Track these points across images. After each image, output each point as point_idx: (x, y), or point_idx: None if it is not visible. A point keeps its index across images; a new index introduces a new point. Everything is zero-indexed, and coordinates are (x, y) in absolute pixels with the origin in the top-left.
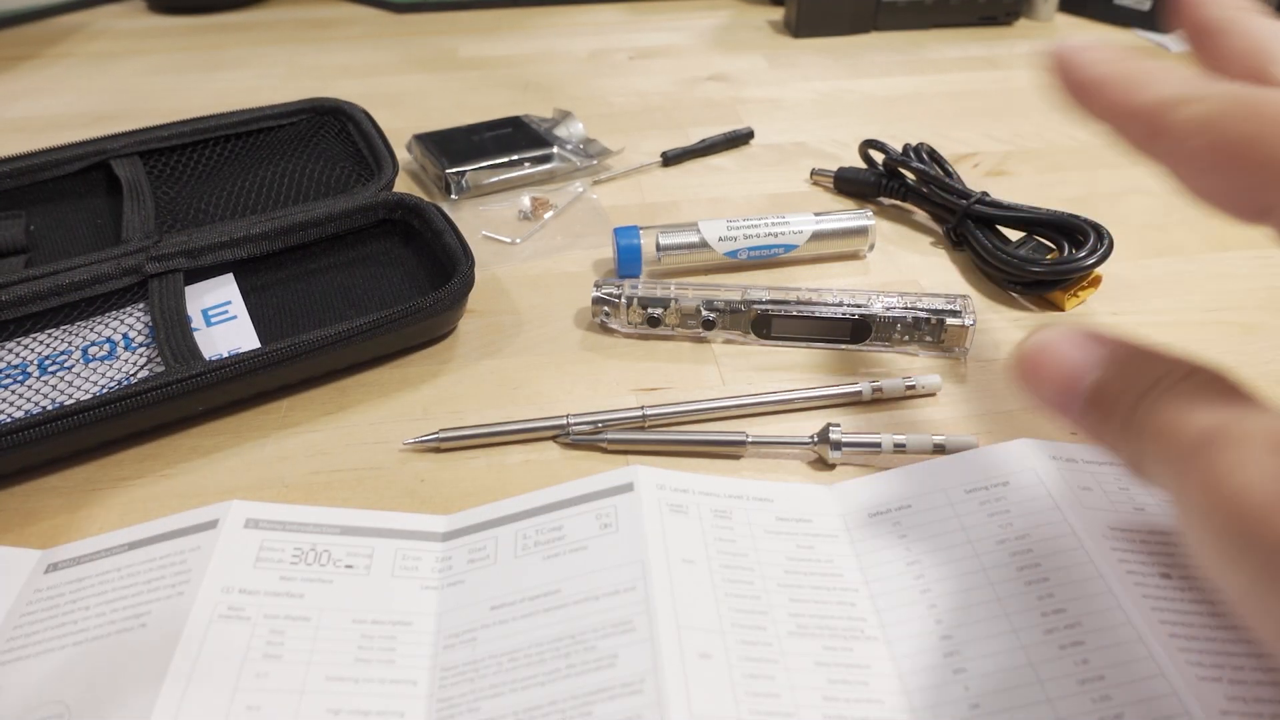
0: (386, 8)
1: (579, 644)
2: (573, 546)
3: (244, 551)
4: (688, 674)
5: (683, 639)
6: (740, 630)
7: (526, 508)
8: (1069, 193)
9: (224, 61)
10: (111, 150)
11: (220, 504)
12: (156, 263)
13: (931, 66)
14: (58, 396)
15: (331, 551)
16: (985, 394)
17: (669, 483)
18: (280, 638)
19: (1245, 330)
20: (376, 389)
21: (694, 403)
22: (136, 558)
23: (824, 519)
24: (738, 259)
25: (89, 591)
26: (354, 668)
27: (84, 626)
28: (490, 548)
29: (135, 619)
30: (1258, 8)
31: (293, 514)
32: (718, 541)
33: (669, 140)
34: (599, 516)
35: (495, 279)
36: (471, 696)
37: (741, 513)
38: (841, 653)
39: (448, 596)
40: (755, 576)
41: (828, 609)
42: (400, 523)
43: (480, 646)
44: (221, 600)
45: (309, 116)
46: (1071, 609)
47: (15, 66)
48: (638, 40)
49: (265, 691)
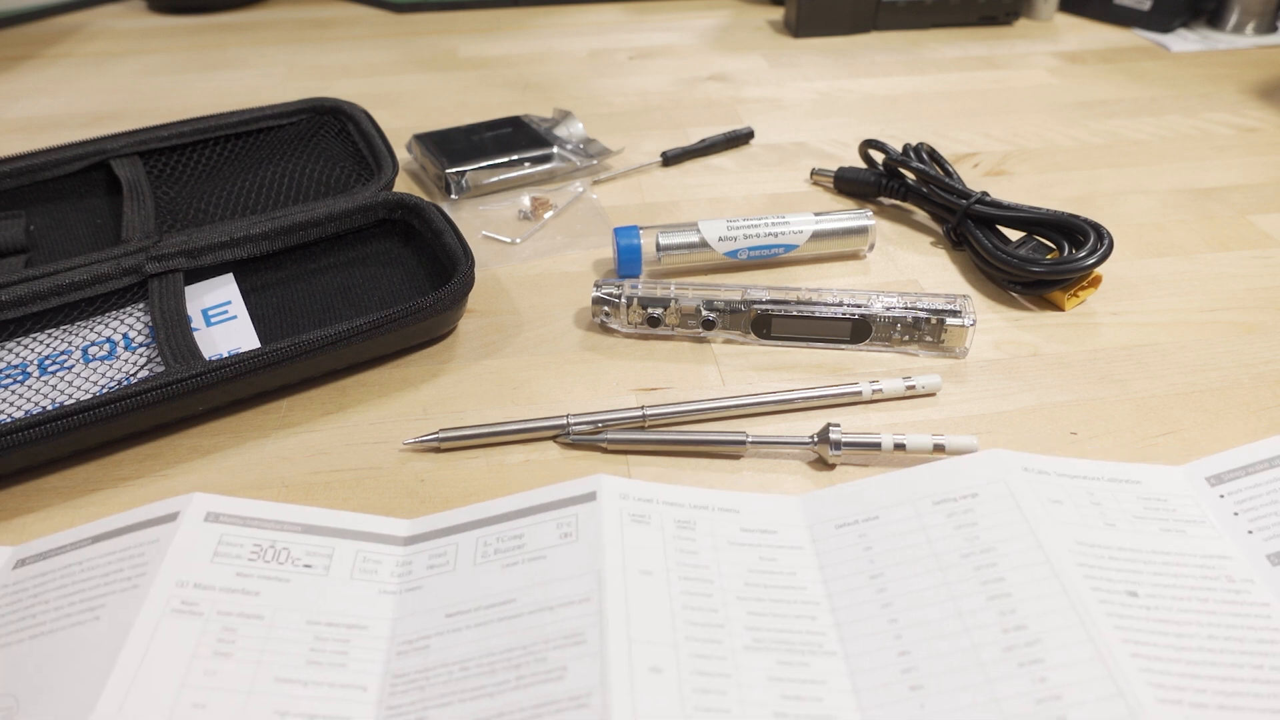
0: (386, 8)
1: (530, 654)
2: (531, 555)
3: (202, 545)
4: (635, 688)
5: (633, 652)
6: (694, 644)
7: (491, 514)
8: (1069, 193)
9: (224, 61)
10: (111, 150)
11: (182, 496)
12: (156, 263)
13: (931, 66)
14: (58, 396)
15: (291, 550)
16: (985, 394)
17: (633, 492)
18: (232, 635)
19: (1245, 330)
20: (376, 389)
21: (694, 403)
22: (98, 551)
23: (790, 530)
24: (738, 259)
25: (50, 586)
26: (304, 670)
27: (41, 620)
28: (451, 554)
29: (89, 611)
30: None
31: (254, 509)
32: (678, 553)
33: (669, 140)
34: (560, 525)
35: (495, 279)
36: (420, 705)
37: (705, 523)
38: (797, 668)
39: (405, 602)
40: (715, 589)
41: (786, 623)
42: (363, 524)
43: (433, 654)
44: (175, 594)
45: (309, 116)
46: (1033, 625)
47: (15, 66)
48: (638, 40)
49: (212, 690)
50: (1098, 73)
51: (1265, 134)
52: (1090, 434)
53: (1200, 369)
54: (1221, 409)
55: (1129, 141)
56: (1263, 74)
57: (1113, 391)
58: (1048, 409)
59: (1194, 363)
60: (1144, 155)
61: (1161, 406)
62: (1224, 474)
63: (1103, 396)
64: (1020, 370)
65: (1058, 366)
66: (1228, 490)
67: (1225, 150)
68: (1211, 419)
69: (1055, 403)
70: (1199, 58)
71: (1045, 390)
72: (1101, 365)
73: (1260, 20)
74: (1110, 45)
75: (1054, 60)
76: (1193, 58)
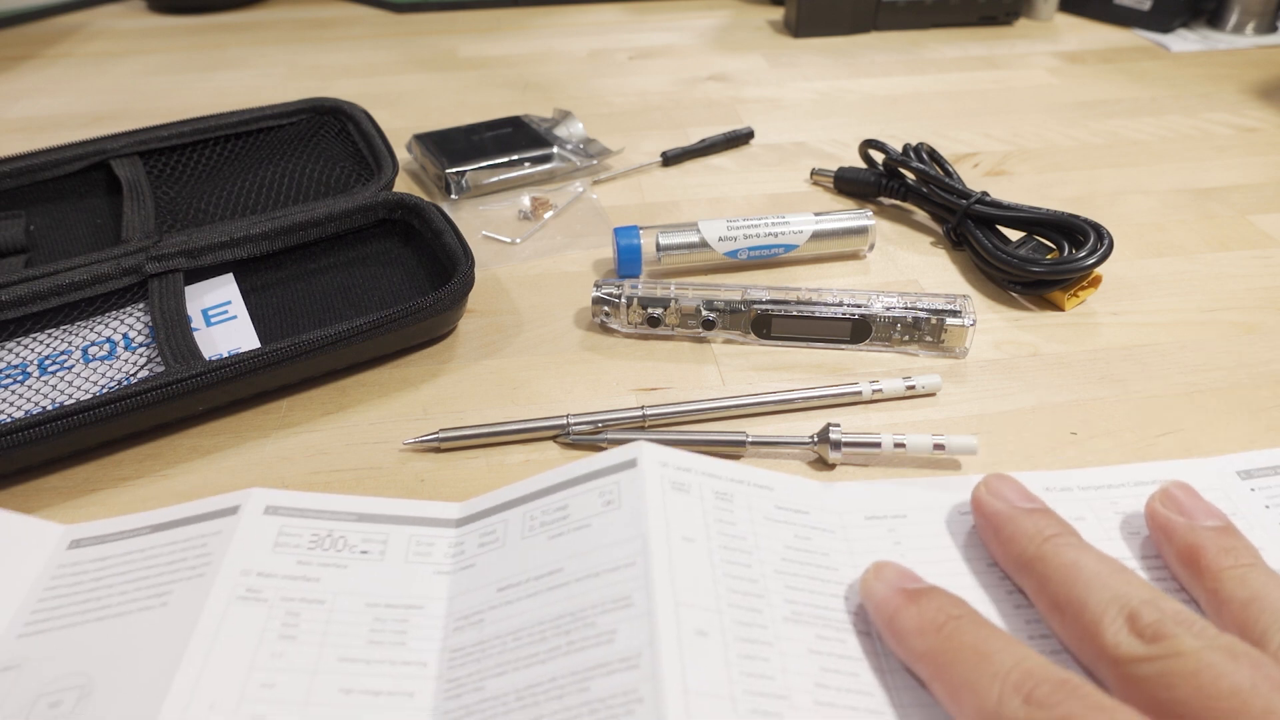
0: (386, 8)
1: (579, 620)
2: (577, 524)
3: (263, 536)
4: (684, 650)
5: (680, 615)
6: (737, 610)
7: (535, 489)
8: (1069, 193)
9: (224, 61)
10: (111, 150)
11: (241, 491)
12: (156, 263)
13: (931, 66)
14: (58, 396)
15: (348, 537)
16: (985, 394)
17: (672, 461)
18: (295, 619)
19: (1245, 330)
20: (376, 389)
21: (694, 403)
22: (158, 540)
23: (821, 514)
24: (738, 259)
25: (112, 570)
26: (366, 649)
27: (107, 603)
28: (500, 530)
29: (157, 598)
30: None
31: (311, 501)
32: (718, 523)
33: (669, 140)
34: (602, 494)
35: (495, 279)
36: (477, 676)
37: (743, 497)
38: (835, 643)
39: (459, 580)
40: (753, 560)
41: (823, 600)
42: (416, 510)
43: (487, 628)
44: (240, 582)
45: (309, 116)
46: None
47: (15, 66)
48: (638, 40)
49: (279, 671)
50: (1098, 73)
51: (1265, 134)
52: (1090, 434)
53: (1200, 369)
54: (1222, 409)
55: (1129, 141)
56: (1263, 74)
57: (1113, 391)
58: (1048, 409)
59: (1194, 363)
60: (1144, 155)
61: (1162, 406)
62: (1254, 470)
63: (1103, 396)
64: (1020, 370)
65: (1058, 366)
66: (1259, 485)
67: (1225, 150)
68: (1212, 419)
69: (1055, 403)
70: (1199, 58)
71: (1045, 390)
72: (1101, 365)
73: (1260, 20)
74: (1110, 45)
75: (1054, 60)
76: (1193, 58)
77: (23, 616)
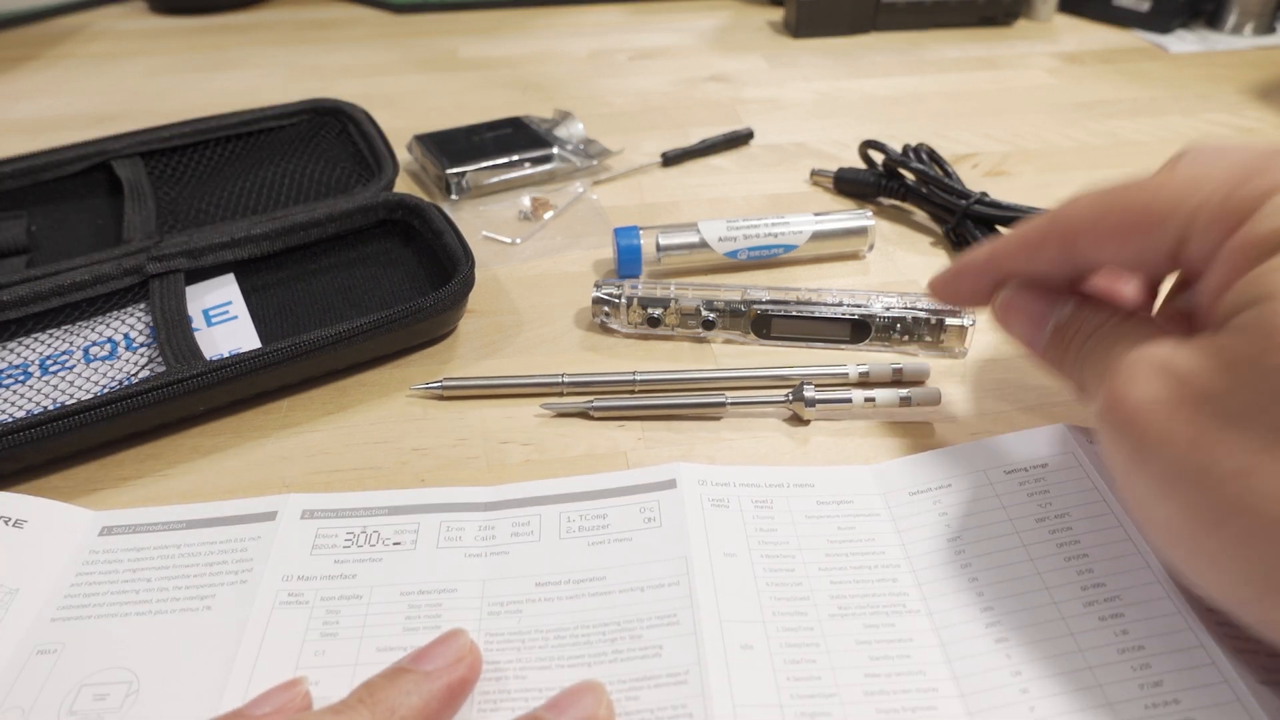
0: (386, 8)
1: (624, 631)
2: (617, 536)
3: (301, 541)
4: (730, 666)
5: (725, 632)
6: (781, 618)
7: (569, 491)
8: (1068, 193)
9: (225, 62)
10: (113, 151)
11: (278, 496)
12: (157, 263)
13: (931, 67)
14: (59, 396)
15: (380, 532)
16: (985, 394)
17: (710, 477)
18: (335, 617)
19: None
20: (377, 389)
21: (683, 371)
22: (195, 538)
23: (865, 499)
24: (738, 259)
25: (148, 563)
26: (402, 637)
27: (146, 598)
28: (535, 525)
29: (200, 600)
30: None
31: (345, 501)
32: (759, 532)
33: (669, 140)
34: (642, 510)
35: (495, 279)
36: (519, 664)
37: (782, 500)
38: (884, 629)
39: (493, 565)
40: (796, 563)
41: (869, 586)
42: (443, 497)
43: (525, 619)
44: (282, 588)
45: (309, 117)
46: (1111, 584)
47: (16, 67)
48: (638, 41)
49: (322, 668)
50: (1097, 73)
51: (1264, 134)
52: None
53: None
54: None
55: (1128, 142)
56: (1261, 75)
57: None
58: (1048, 409)
59: None
60: (1143, 155)
61: None
62: None
63: None
64: (1020, 370)
65: None
66: None
67: None
68: None
69: (1056, 403)
70: (1198, 58)
71: (1045, 390)
72: None
73: (1259, 21)
74: (1109, 46)
75: (1053, 61)
76: (1192, 58)
77: (56, 600)
